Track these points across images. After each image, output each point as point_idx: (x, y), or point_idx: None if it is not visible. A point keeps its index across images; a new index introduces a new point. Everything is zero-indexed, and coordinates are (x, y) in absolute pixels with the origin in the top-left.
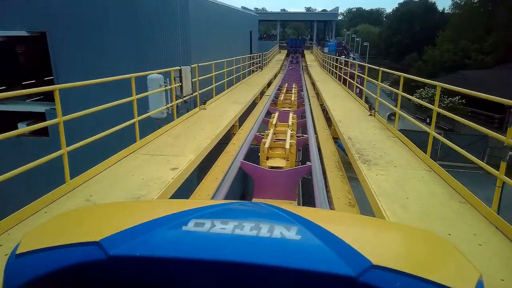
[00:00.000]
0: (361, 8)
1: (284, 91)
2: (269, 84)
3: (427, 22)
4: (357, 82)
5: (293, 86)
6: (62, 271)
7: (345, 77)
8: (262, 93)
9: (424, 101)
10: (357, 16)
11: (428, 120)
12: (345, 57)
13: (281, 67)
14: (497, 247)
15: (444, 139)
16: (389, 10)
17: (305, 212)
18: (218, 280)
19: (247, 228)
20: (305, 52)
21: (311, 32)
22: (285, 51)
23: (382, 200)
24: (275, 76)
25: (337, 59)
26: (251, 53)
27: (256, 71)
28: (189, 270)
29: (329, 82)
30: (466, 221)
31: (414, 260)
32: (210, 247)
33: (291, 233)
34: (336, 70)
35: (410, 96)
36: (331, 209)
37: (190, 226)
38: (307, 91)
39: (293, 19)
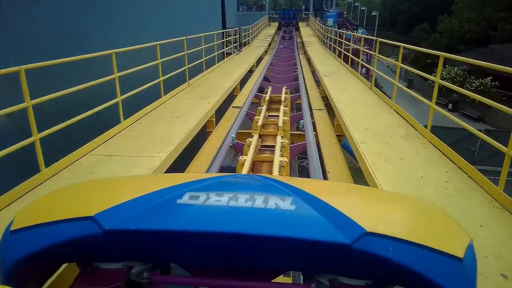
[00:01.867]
0: None
1: (265, 104)
2: (244, 81)
3: None
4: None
5: (283, 90)
6: (57, 246)
7: (355, 58)
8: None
9: (447, 82)
10: None
11: (450, 106)
12: (350, 31)
13: (269, 46)
14: None
15: (485, 136)
16: None
17: (299, 182)
18: (214, 252)
19: (242, 200)
20: (300, 24)
21: (307, 1)
22: (276, 24)
23: None
24: (259, 61)
25: (340, 35)
26: (224, 28)
27: (232, 53)
28: (184, 243)
29: (345, 77)
30: None
31: (406, 226)
32: (205, 219)
33: (286, 204)
34: (341, 48)
35: (427, 75)
36: (325, 179)
37: (185, 199)
38: (307, 98)
39: None
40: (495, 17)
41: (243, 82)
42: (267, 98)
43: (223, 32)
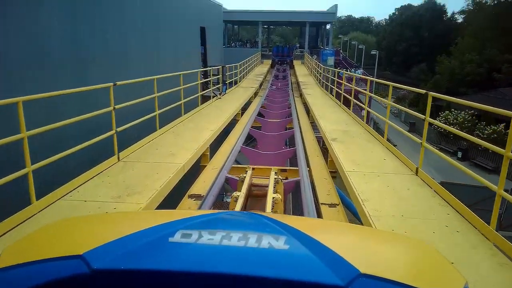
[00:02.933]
0: (351, 15)
1: (245, 185)
2: (219, 139)
3: (437, 28)
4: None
5: (272, 174)
6: (44, 286)
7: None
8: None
9: (454, 128)
10: (348, 24)
11: (459, 155)
12: (349, 71)
13: (260, 86)
14: None
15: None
16: (378, 18)
17: (293, 221)
18: None
19: (235, 239)
20: (295, 63)
21: (300, 38)
22: (269, 62)
23: None
24: (243, 110)
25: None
26: (206, 66)
27: (214, 97)
28: (176, 283)
29: (364, 142)
30: None
31: (401, 268)
32: (197, 258)
33: (279, 243)
34: (349, 96)
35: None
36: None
37: (177, 237)
38: (311, 189)
39: (279, 19)
40: (499, 59)
41: (219, 140)
42: (245, 185)
43: (204, 71)
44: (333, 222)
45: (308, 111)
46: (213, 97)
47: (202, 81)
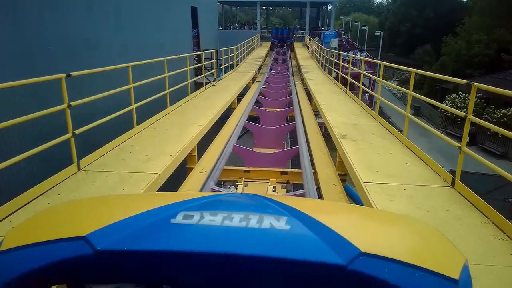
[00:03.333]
0: None
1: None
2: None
3: (442, 7)
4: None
5: (268, 188)
6: (48, 267)
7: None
8: None
9: (461, 111)
10: (348, 5)
11: (467, 140)
12: (351, 53)
13: (259, 70)
14: None
15: None
16: None
17: (294, 202)
18: (207, 272)
19: (236, 220)
20: (295, 45)
21: (301, 20)
22: (269, 45)
23: None
24: (241, 96)
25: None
26: (199, 50)
27: (207, 83)
28: (178, 263)
29: (380, 139)
30: None
31: (402, 247)
32: (199, 239)
33: (280, 223)
34: (358, 83)
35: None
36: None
37: (179, 218)
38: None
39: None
40: (508, 39)
41: (210, 134)
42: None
43: (197, 56)
44: (334, 203)
45: (310, 97)
46: (206, 84)
47: (191, 67)
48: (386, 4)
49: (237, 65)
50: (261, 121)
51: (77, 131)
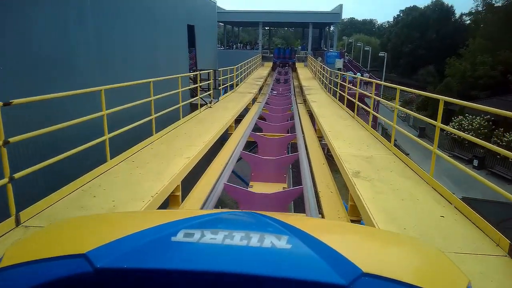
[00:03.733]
0: (354, 18)
1: None
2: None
3: (445, 29)
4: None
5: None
6: (48, 285)
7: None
8: None
9: (469, 135)
10: (350, 26)
11: (475, 163)
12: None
13: (259, 92)
14: None
15: None
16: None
17: (295, 220)
18: None
19: (237, 238)
20: (297, 65)
21: (303, 40)
22: (270, 65)
23: None
24: (241, 117)
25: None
26: (196, 69)
27: (205, 105)
28: (178, 282)
29: (410, 189)
30: None
31: (404, 268)
32: (199, 257)
33: (282, 242)
34: (368, 108)
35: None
36: (321, 217)
37: (180, 236)
38: None
39: (281, 20)
40: None
41: (202, 164)
42: None
43: (194, 76)
44: (336, 222)
45: (313, 118)
46: (202, 106)
47: (183, 88)
48: (387, 26)
49: (237, 85)
50: (260, 149)
51: (17, 175)
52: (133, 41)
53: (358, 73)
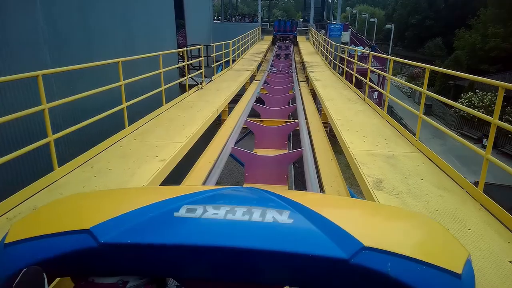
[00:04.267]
0: None
1: None
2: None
3: None
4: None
5: None
6: (53, 260)
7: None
8: None
9: (479, 112)
10: None
11: (484, 141)
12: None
13: (258, 67)
14: None
15: None
16: None
17: (297, 196)
18: (211, 266)
19: (239, 213)
20: (299, 39)
21: (304, 12)
22: (270, 38)
23: None
24: (237, 97)
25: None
26: (187, 46)
27: (196, 86)
28: (181, 256)
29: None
30: None
31: (404, 241)
32: (202, 232)
33: (283, 217)
34: (382, 89)
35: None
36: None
37: (182, 212)
38: None
39: None
40: None
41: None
42: None
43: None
44: (337, 197)
45: (315, 98)
46: (190, 88)
47: (166, 69)
48: None
49: (233, 61)
50: (257, 140)
51: None
52: (96, 11)
53: (366, 47)
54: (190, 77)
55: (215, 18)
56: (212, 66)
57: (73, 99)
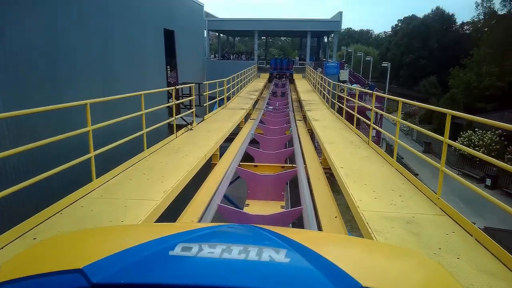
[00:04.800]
0: (351, 28)
1: None
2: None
3: (446, 38)
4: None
5: None
6: None
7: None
8: None
9: (479, 151)
10: (347, 37)
11: (488, 182)
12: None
13: (254, 107)
14: None
15: None
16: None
17: (294, 233)
18: None
19: (235, 252)
20: (295, 76)
21: (300, 50)
22: (267, 76)
23: None
24: (232, 136)
25: None
26: (177, 83)
27: (185, 127)
28: None
29: None
30: None
31: (403, 281)
32: (197, 272)
33: (280, 256)
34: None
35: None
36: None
37: (177, 250)
38: None
39: (277, 28)
40: None
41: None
42: None
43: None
44: (334, 235)
45: (313, 137)
46: (179, 129)
47: (148, 110)
48: (384, 36)
49: (228, 99)
50: (250, 190)
51: None
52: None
53: (365, 86)
54: (180, 117)
55: (212, 56)
56: (205, 105)
57: (31, 147)
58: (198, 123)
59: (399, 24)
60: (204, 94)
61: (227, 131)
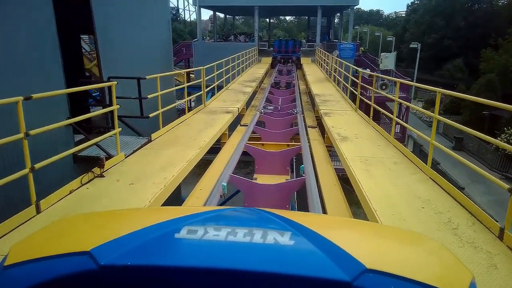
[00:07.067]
0: (360, 8)
1: None
2: None
3: (475, 15)
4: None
5: None
6: (52, 283)
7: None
8: None
9: None
10: (355, 18)
11: None
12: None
13: (248, 106)
14: None
15: None
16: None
17: (298, 217)
18: (211, 287)
19: (240, 235)
20: (303, 60)
21: (308, 31)
22: (269, 61)
23: None
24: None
25: None
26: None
27: (90, 172)
28: (182, 279)
29: None
30: None
31: (407, 263)
32: (203, 254)
33: (285, 239)
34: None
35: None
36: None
37: (183, 233)
38: None
39: (282, 4)
40: None
41: None
42: None
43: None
44: (338, 218)
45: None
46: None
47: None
48: (394, 16)
49: (213, 95)
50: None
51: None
52: None
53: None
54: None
55: (207, 38)
56: (151, 115)
57: None
58: (127, 155)
59: (416, 1)
60: (148, 97)
61: (188, 165)
